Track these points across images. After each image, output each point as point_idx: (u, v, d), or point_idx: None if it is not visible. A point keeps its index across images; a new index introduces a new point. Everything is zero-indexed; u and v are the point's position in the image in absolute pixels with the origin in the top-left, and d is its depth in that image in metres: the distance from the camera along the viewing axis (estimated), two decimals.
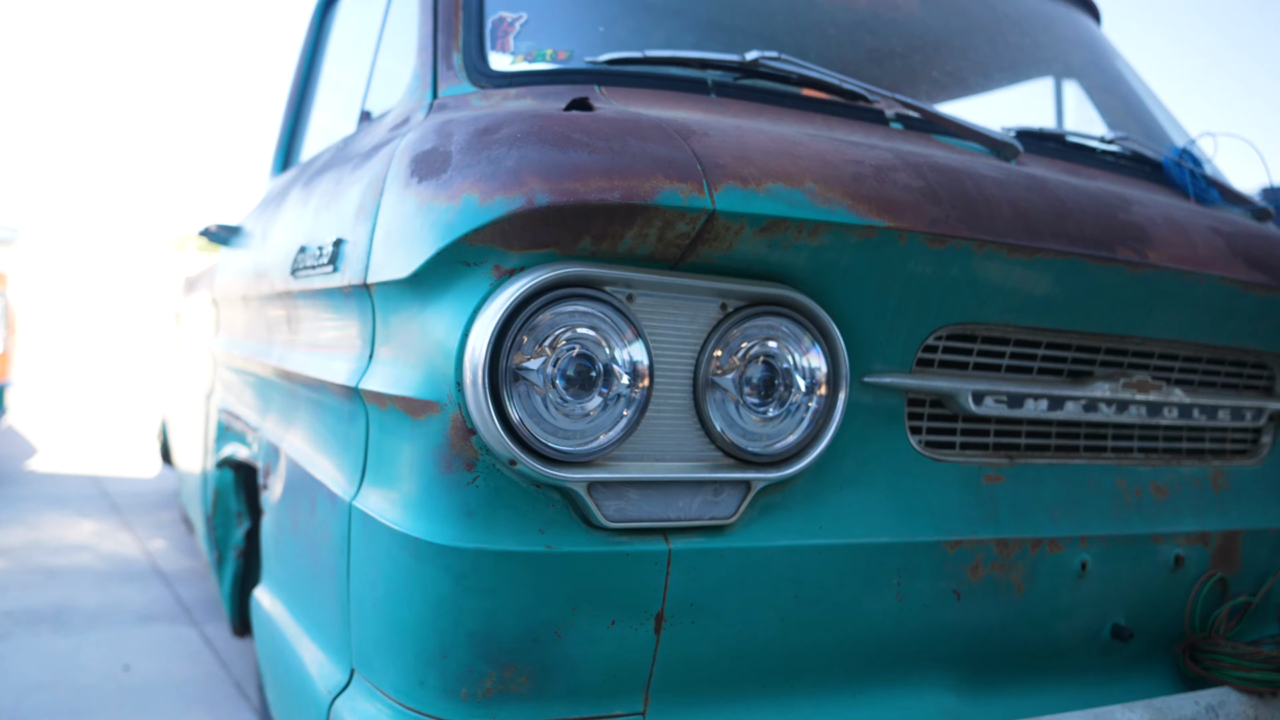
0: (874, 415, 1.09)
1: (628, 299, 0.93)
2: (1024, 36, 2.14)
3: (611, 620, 0.94)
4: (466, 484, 0.91)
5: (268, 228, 1.70)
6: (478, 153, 0.92)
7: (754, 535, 1.00)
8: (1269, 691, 1.28)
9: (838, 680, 1.08)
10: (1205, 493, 1.36)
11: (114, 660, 2.46)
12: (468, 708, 0.91)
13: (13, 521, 3.95)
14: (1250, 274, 1.28)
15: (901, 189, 1.02)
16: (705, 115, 1.10)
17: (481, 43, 1.25)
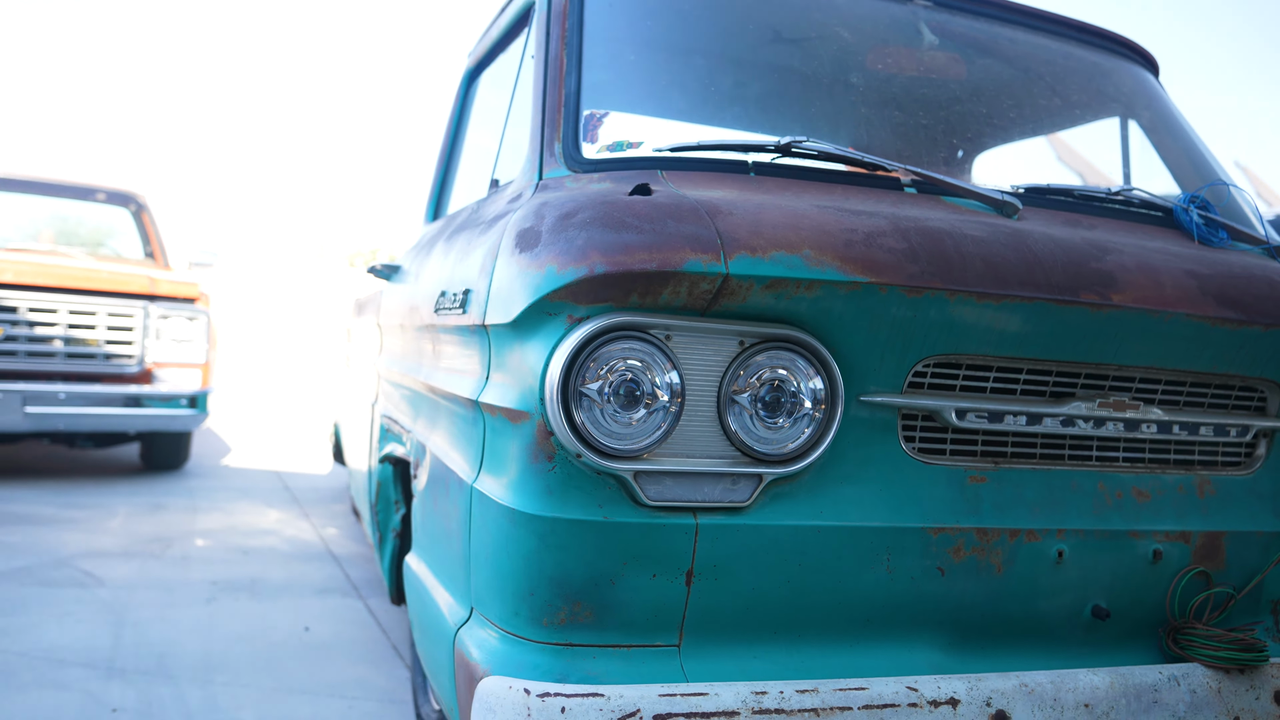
0: (870, 426, 1.39)
1: (666, 338, 1.27)
2: (1091, 84, 2.35)
3: (653, 574, 1.28)
4: (548, 471, 1.26)
5: (419, 270, 2.12)
6: (558, 234, 1.28)
7: (764, 516, 1.32)
8: (1235, 668, 1.49)
9: (838, 633, 1.38)
10: (1189, 498, 1.58)
11: (297, 622, 2.96)
12: (547, 632, 1.27)
13: (213, 509, 4.61)
14: (1219, 310, 1.50)
15: (885, 251, 1.32)
16: (740, 194, 1.43)
17: (576, 135, 1.61)
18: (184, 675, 2.47)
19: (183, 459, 5.57)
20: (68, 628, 2.78)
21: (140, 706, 2.26)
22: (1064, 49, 2.28)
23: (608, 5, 1.80)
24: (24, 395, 4.51)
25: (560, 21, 1.75)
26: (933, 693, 1.30)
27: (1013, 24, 2.20)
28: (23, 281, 4.61)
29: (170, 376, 4.98)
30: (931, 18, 2.09)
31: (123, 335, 4.84)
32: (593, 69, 1.72)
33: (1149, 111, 2.29)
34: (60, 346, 4.70)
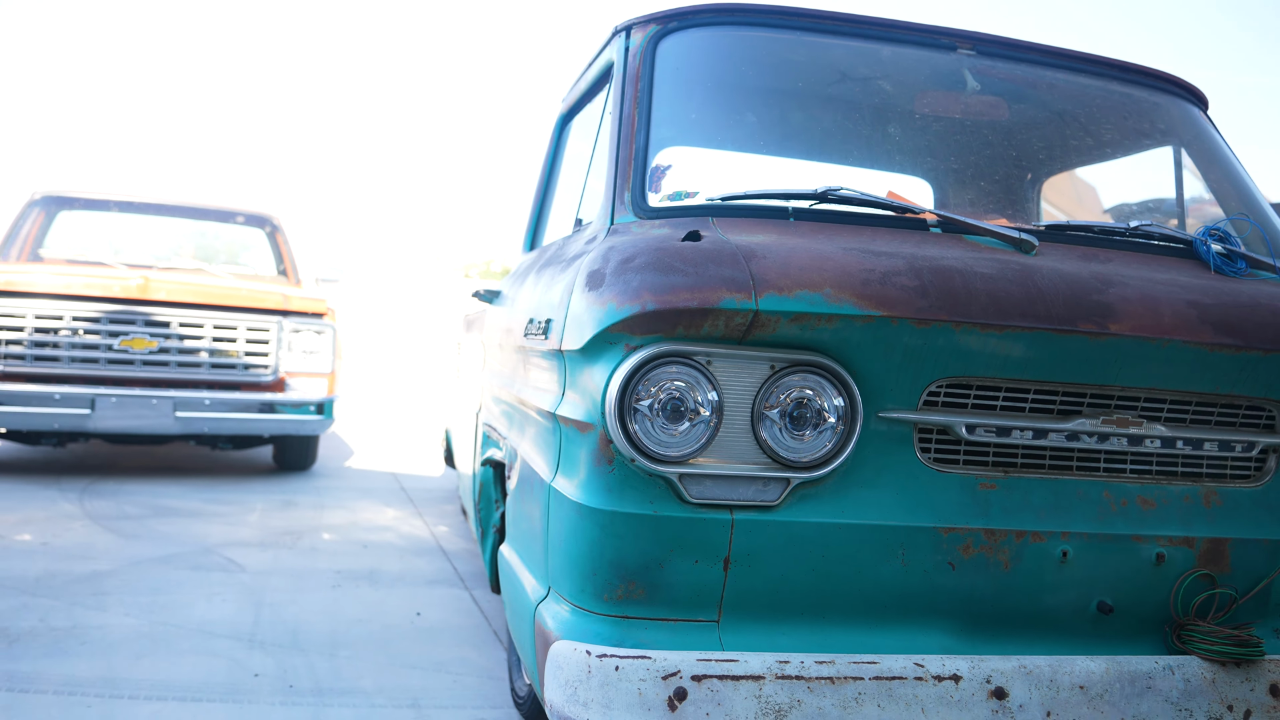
0: (888, 438, 1.61)
1: (707, 363, 1.52)
2: (1146, 118, 2.50)
3: (695, 560, 1.53)
4: (608, 473, 1.53)
5: (515, 297, 2.42)
6: (619, 276, 1.55)
7: (792, 514, 1.55)
8: (1232, 662, 1.65)
9: (857, 616, 1.60)
10: (1195, 507, 1.74)
11: (410, 609, 3.30)
12: (607, 606, 1.53)
13: (337, 507, 5.04)
14: (1217, 337, 1.65)
15: (898, 288, 1.54)
16: (777, 238, 1.67)
17: (643, 186, 1.88)
18: (313, 649, 2.83)
19: (310, 460, 6.06)
20: (215, 606, 3.19)
21: (278, 673, 2.62)
22: (1123, 89, 2.42)
23: (675, 70, 2.06)
24: (175, 401, 5.04)
25: (634, 84, 2.02)
26: (937, 669, 1.51)
27: (1079, 69, 2.36)
28: (174, 299, 5.15)
29: (300, 385, 5.46)
30: (1014, 71, 2.28)
31: (259, 348, 5.34)
32: (660, 125, 1.98)
33: (1197, 143, 2.43)
34: (205, 358, 5.22)
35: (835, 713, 1.45)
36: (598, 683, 1.43)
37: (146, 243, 7.26)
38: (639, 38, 2.10)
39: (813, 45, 2.16)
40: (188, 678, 2.55)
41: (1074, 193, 10.65)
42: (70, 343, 5.00)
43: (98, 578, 3.42)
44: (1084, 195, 10.64)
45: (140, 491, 5.07)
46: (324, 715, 2.37)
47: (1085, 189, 10.50)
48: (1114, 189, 3.41)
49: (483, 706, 2.48)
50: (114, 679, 2.51)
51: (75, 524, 4.22)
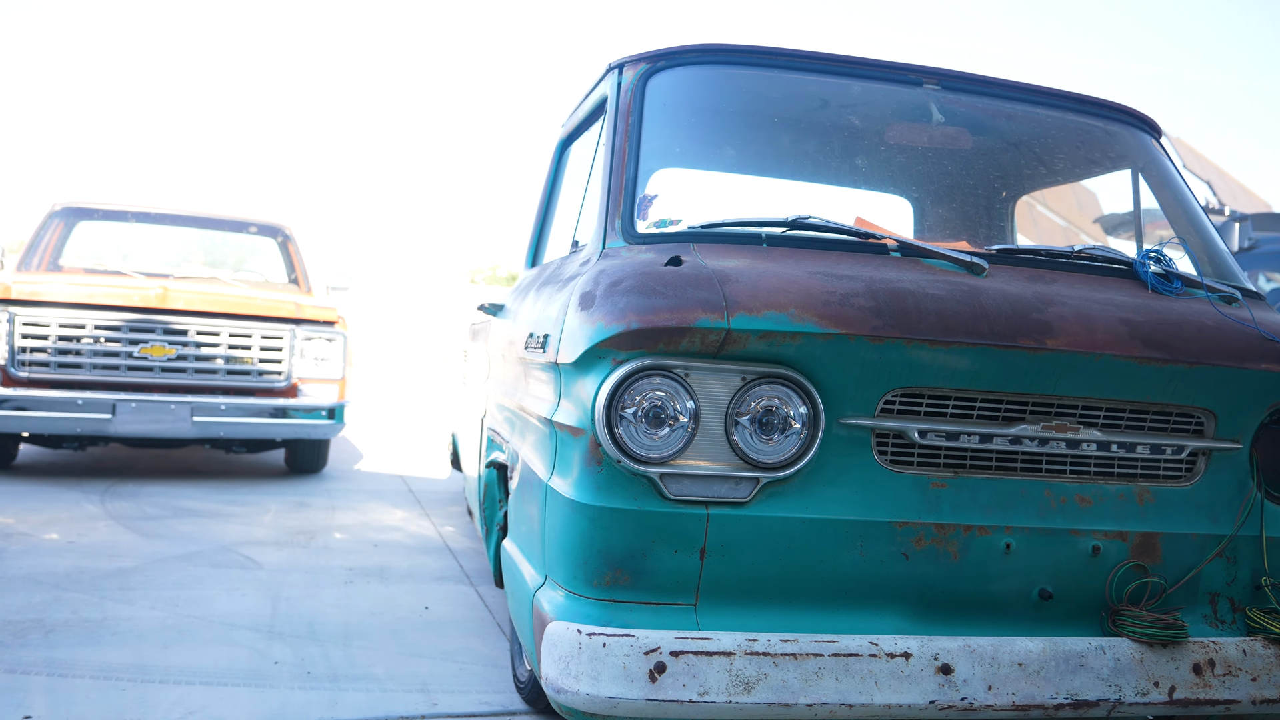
0: (849, 442, 1.80)
1: (685, 375, 1.71)
2: (1103, 145, 2.69)
3: (674, 550, 1.72)
4: (598, 472, 1.72)
5: (517, 311, 2.61)
6: (608, 298, 1.74)
7: (761, 509, 1.74)
8: (1159, 643, 1.83)
9: (821, 601, 1.79)
10: (1129, 504, 1.92)
11: (418, 603, 3.50)
12: (596, 591, 1.72)
13: (348, 508, 5.24)
14: (1145, 351, 1.84)
15: (855, 308, 1.73)
16: (751, 262, 1.86)
17: (633, 213, 2.07)
18: (328, 639, 3.03)
19: (322, 464, 6.26)
20: (235, 600, 3.38)
21: (296, 661, 2.82)
22: (1084, 119, 2.61)
23: (664, 105, 2.25)
24: (192, 406, 5.24)
25: (625, 118, 2.22)
26: (890, 647, 1.70)
27: (1042, 101, 2.55)
28: (191, 308, 5.36)
29: (312, 391, 5.66)
30: (982, 103, 2.47)
31: (273, 355, 5.54)
32: (650, 157, 2.18)
33: (1151, 168, 2.62)
34: (221, 364, 5.43)
35: (797, 685, 1.64)
36: (587, 657, 1.62)
37: (160, 251, 7.47)
38: (630, 75, 2.30)
39: (791, 82, 2.35)
40: (212, 665, 2.74)
41: (1075, 200, 10.77)
42: (92, 350, 5.21)
43: (123, 574, 3.62)
44: (1085, 202, 10.76)
45: (159, 493, 5.28)
46: (340, 698, 2.56)
47: (1087, 196, 10.64)
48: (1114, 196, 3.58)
49: (487, 691, 2.67)
50: (144, 665, 2.70)
51: (99, 524, 4.42)
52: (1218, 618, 1.98)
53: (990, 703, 1.71)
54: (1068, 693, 1.75)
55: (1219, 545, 1.95)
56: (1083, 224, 9.26)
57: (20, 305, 5.13)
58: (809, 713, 1.64)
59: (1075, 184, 3.34)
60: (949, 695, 1.70)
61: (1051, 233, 9.91)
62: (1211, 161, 12.46)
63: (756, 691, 1.62)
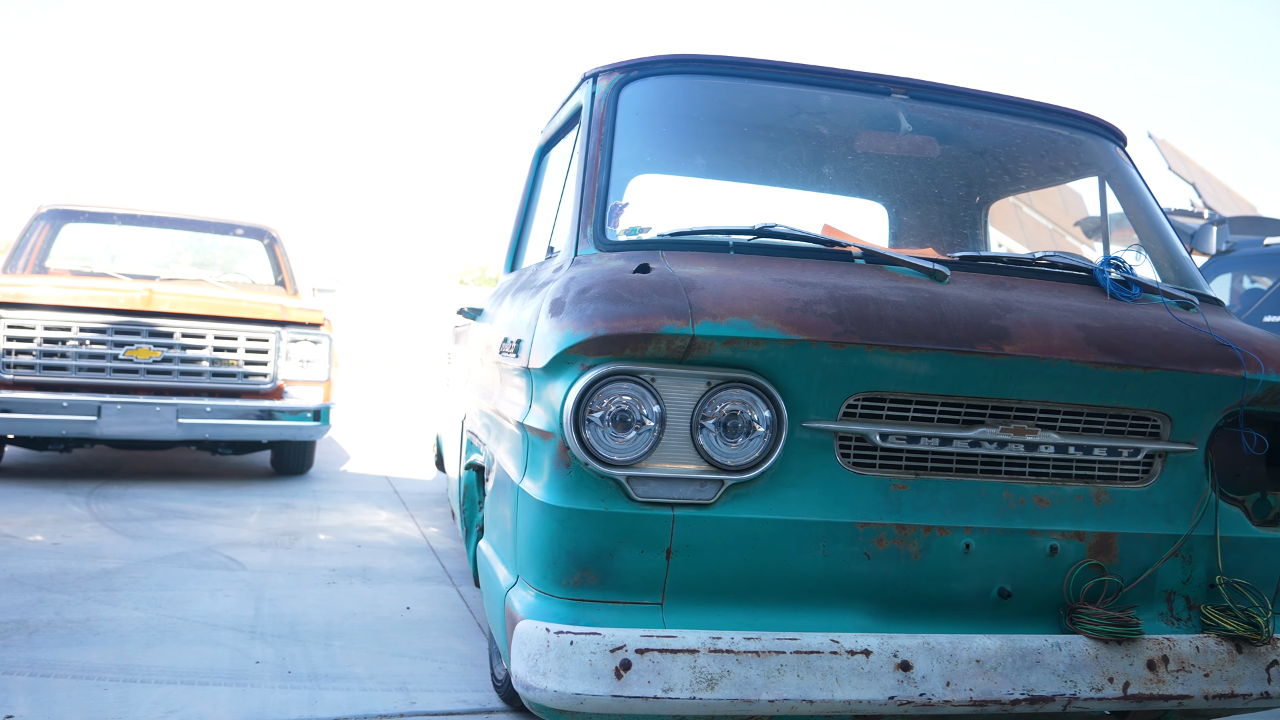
0: (812, 445, 1.84)
1: (651, 380, 1.76)
2: (1071, 152, 2.74)
3: (641, 550, 1.76)
4: (566, 475, 1.76)
5: (495, 316, 2.65)
6: (576, 305, 1.78)
7: (726, 510, 1.79)
8: (1114, 640, 1.88)
9: (786, 600, 1.83)
10: (1086, 505, 1.97)
11: (400, 603, 3.53)
12: (565, 590, 1.77)
13: (333, 509, 5.27)
14: (1101, 356, 1.89)
15: (817, 315, 1.78)
16: (717, 270, 1.91)
17: (604, 221, 2.11)
18: (310, 639, 3.06)
19: (307, 465, 6.29)
20: (218, 600, 3.42)
21: (277, 660, 2.85)
22: (1052, 128, 2.67)
23: (636, 114, 2.30)
24: (177, 408, 5.27)
25: (598, 128, 2.26)
26: (851, 644, 1.75)
27: (1010, 111, 2.61)
28: (176, 310, 5.38)
29: (297, 393, 5.69)
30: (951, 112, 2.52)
31: (258, 357, 5.57)
32: (622, 165, 2.22)
33: (1116, 175, 2.67)
34: (206, 366, 5.45)
35: (760, 682, 1.69)
36: (555, 655, 1.66)
37: (149, 252, 7.49)
38: (604, 84, 2.34)
39: (761, 91, 2.40)
40: (194, 664, 2.78)
41: (1061, 202, 10.87)
42: (77, 353, 5.23)
43: (107, 575, 3.65)
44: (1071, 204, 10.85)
45: (145, 495, 5.30)
46: (320, 697, 2.60)
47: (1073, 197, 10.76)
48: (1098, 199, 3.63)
49: (465, 689, 2.71)
50: (127, 665, 2.74)
51: (84, 525, 4.45)
52: (1174, 615, 2.03)
53: (948, 698, 1.76)
54: (1024, 688, 1.80)
55: (1174, 545, 2.00)
56: (1068, 226, 9.35)
57: (5, 308, 5.14)
58: (771, 709, 1.69)
59: (1061, 186, 3.40)
60: (908, 691, 1.74)
61: (1038, 234, 9.99)
62: (1197, 164, 12.56)
63: (720, 688, 1.67)
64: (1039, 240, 9.46)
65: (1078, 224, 8.29)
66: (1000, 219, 8.97)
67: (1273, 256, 5.94)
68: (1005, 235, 9.76)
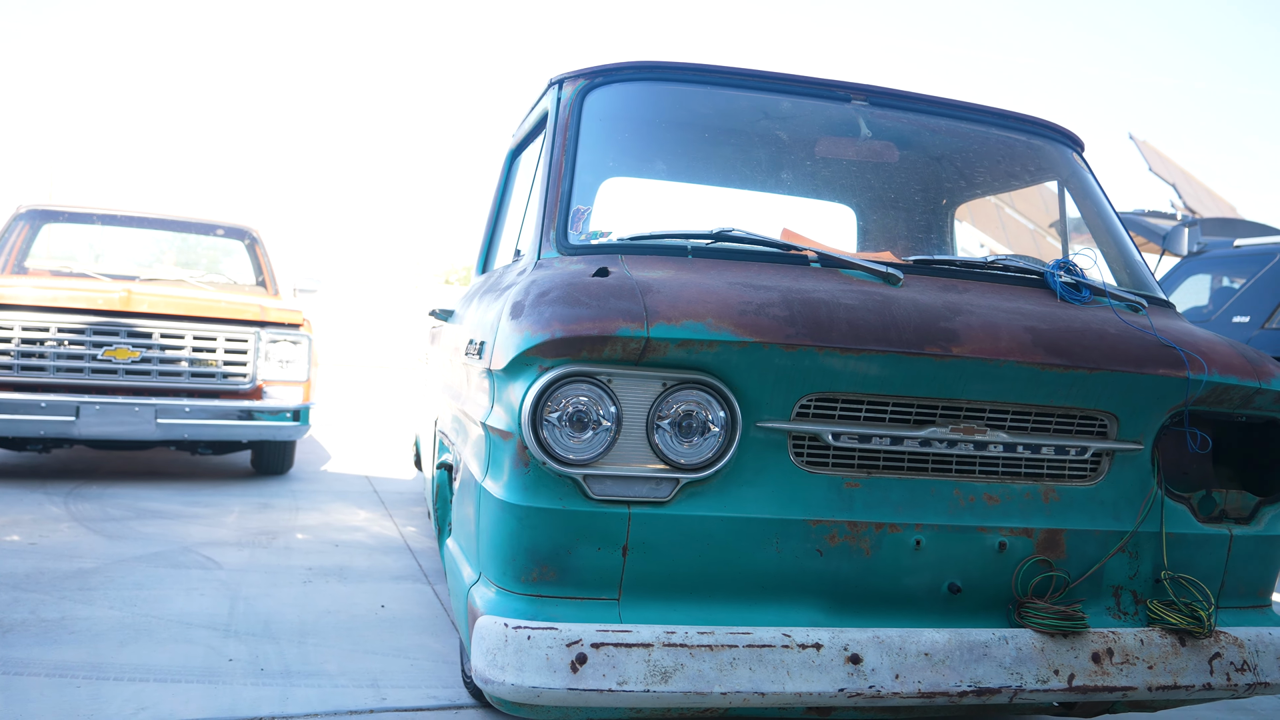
0: (766, 444, 1.89)
1: (608, 381, 1.80)
2: (1030, 157, 2.80)
3: (598, 547, 1.80)
4: (525, 474, 1.81)
5: (464, 317, 2.69)
6: (535, 308, 1.83)
7: (682, 508, 1.83)
8: (1060, 634, 1.94)
9: (740, 595, 1.88)
10: (1035, 502, 2.03)
11: (375, 601, 3.57)
12: (525, 586, 1.81)
13: (312, 509, 5.30)
14: (1047, 358, 1.95)
15: (770, 318, 1.83)
16: (675, 273, 1.95)
17: (566, 225, 2.16)
18: (284, 637, 3.10)
19: (287, 465, 6.31)
20: (193, 599, 3.44)
21: (250, 658, 2.89)
22: (1010, 134, 2.73)
23: (600, 119, 2.34)
24: (156, 408, 5.28)
25: (563, 133, 2.31)
26: (802, 638, 1.80)
27: (968, 117, 2.66)
28: (155, 311, 5.40)
29: (277, 393, 5.71)
30: (909, 118, 2.58)
31: (238, 357, 5.59)
32: (585, 170, 2.27)
33: (1074, 180, 2.73)
34: (186, 367, 5.47)
35: (713, 674, 1.74)
36: (513, 650, 1.71)
37: (130, 251, 7.49)
38: (569, 90, 2.39)
39: (724, 97, 2.45)
40: (167, 662, 2.81)
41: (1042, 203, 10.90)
42: (56, 353, 5.24)
43: (83, 574, 3.67)
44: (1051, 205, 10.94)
45: (123, 495, 5.31)
46: (291, 694, 2.63)
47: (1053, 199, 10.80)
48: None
49: (435, 686, 2.75)
50: (100, 664, 2.77)
51: (62, 525, 4.46)
52: (1121, 610, 2.09)
53: (897, 690, 1.81)
54: (971, 681, 1.85)
55: (1121, 541, 2.06)
56: (1049, 227, 9.44)
57: None
58: (723, 701, 1.74)
59: (1040, 187, 3.46)
60: (858, 684, 1.79)
61: (1020, 236, 10.08)
62: (1178, 165, 12.69)
63: (673, 681, 1.71)
64: (1020, 241, 9.54)
65: (1052, 225, 8.39)
66: (983, 220, 9.06)
67: (1242, 257, 6.03)
68: (987, 236, 9.84)
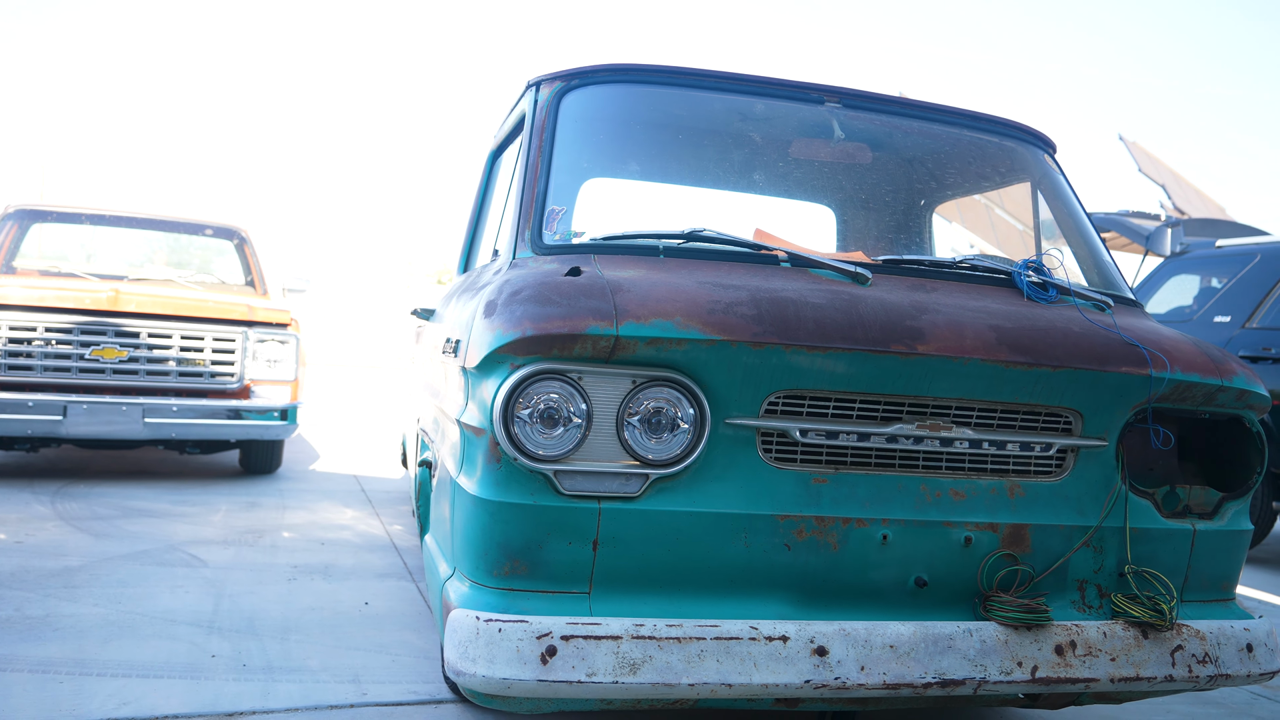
0: (734, 441, 1.93)
1: (579, 379, 1.83)
2: (1003, 159, 2.84)
3: (569, 542, 1.84)
4: (497, 470, 1.84)
5: (443, 316, 2.73)
6: (507, 306, 1.86)
7: (651, 504, 1.87)
8: (1024, 626, 1.98)
9: (709, 589, 1.91)
10: (1000, 498, 2.07)
11: (360, 599, 3.60)
12: (497, 580, 1.84)
13: (299, 507, 5.32)
14: (1011, 356, 1.98)
15: (737, 316, 1.86)
16: (646, 273, 1.99)
17: (541, 226, 2.19)
18: (267, 633, 3.12)
19: (276, 464, 6.33)
20: (178, 596, 3.47)
21: (233, 654, 2.91)
22: (983, 136, 2.77)
23: (576, 120, 2.38)
24: (144, 408, 5.30)
25: (539, 135, 2.34)
26: (769, 631, 1.83)
27: (941, 119, 2.70)
28: (143, 311, 5.42)
29: (265, 392, 5.73)
30: (882, 120, 2.61)
31: (225, 357, 5.61)
32: (561, 171, 2.30)
33: (1045, 181, 2.77)
34: (173, 366, 5.49)
35: (681, 666, 1.77)
36: (484, 642, 1.74)
37: (120, 251, 7.51)
38: (546, 93, 2.42)
39: (698, 100, 2.48)
40: (151, 659, 2.83)
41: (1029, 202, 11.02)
42: (43, 352, 5.25)
43: (69, 572, 3.69)
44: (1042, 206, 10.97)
45: (110, 494, 5.33)
46: (273, 689, 2.66)
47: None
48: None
49: (416, 681, 2.78)
50: (83, 660, 2.79)
51: (48, 524, 4.48)
52: (1085, 603, 2.13)
53: (862, 682, 1.85)
54: (936, 672, 1.89)
55: (1085, 535, 2.10)
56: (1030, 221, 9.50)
57: None
58: (691, 692, 1.77)
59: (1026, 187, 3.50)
60: (824, 675, 1.83)
61: (1009, 236, 10.14)
62: (1167, 165, 12.77)
63: (642, 673, 1.75)
64: (1010, 241, 9.60)
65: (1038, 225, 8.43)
66: (973, 221, 9.10)
67: (1223, 258, 6.08)
68: (977, 236, 9.91)
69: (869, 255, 2.42)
